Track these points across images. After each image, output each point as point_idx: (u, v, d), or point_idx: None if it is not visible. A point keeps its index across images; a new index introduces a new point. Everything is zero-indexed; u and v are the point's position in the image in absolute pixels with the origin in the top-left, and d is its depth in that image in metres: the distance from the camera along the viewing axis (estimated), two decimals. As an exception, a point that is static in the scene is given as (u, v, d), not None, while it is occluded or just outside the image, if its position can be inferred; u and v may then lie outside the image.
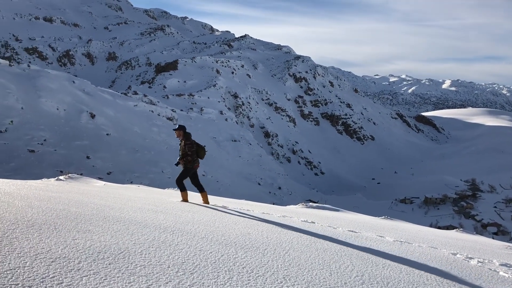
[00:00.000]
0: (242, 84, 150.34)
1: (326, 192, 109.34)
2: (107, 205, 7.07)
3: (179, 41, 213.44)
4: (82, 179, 13.00)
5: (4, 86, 62.54)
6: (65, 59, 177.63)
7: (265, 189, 74.73)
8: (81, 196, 7.96)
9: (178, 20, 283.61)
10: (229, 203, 10.86)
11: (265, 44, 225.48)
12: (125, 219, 5.83)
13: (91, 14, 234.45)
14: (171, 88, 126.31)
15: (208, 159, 73.68)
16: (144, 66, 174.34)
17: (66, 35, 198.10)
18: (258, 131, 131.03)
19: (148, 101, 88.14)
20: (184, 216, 6.92)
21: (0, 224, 4.49)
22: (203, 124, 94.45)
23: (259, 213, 9.10)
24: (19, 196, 6.70)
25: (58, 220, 5.08)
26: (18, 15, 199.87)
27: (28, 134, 56.49)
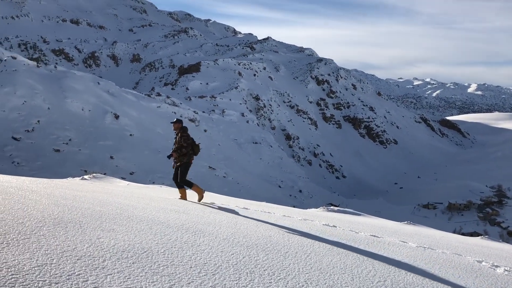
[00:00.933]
0: (264, 86, 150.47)
1: (347, 196, 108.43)
2: (131, 204, 7.17)
3: (202, 43, 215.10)
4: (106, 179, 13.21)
5: (32, 87, 64.14)
6: (90, 61, 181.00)
7: (285, 191, 74.57)
8: (105, 196, 8.10)
9: (202, 22, 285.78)
10: (250, 205, 10.87)
11: (288, 47, 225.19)
12: (148, 219, 5.90)
13: (117, 17, 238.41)
14: (194, 90, 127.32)
15: (229, 161, 73.98)
16: (168, 68, 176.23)
17: (92, 37, 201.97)
18: (279, 134, 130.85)
19: (171, 103, 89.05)
20: (205, 217, 6.96)
21: (28, 221, 4.60)
22: (224, 126, 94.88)
23: (280, 215, 9.09)
24: (45, 194, 6.86)
25: (83, 219, 5.18)
26: (46, 17, 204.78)
27: (54, 133, 57.75)
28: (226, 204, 9.97)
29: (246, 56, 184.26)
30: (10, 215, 4.72)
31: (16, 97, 60.76)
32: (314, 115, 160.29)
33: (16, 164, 49.79)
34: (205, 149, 74.81)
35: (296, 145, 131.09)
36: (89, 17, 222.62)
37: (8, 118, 57.10)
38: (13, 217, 4.68)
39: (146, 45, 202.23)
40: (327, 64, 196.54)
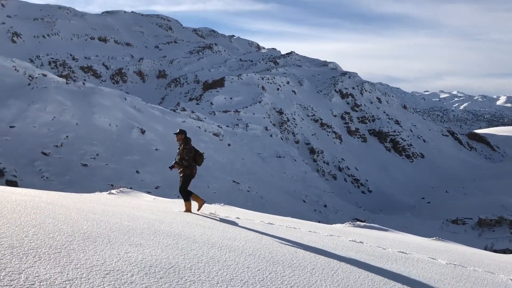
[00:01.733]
0: (287, 100, 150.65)
1: (373, 211, 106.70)
2: (157, 219, 7.24)
3: (226, 59, 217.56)
4: (132, 193, 13.39)
5: (61, 103, 65.89)
6: (117, 77, 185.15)
7: (310, 206, 73.93)
8: (133, 210, 8.20)
9: (226, 38, 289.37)
10: (275, 220, 10.82)
11: (311, 61, 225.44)
12: (174, 234, 5.95)
13: (143, 34, 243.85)
14: (218, 104, 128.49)
15: (253, 175, 73.99)
16: (192, 84, 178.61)
17: (119, 54, 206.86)
18: (303, 148, 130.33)
19: (195, 117, 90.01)
20: (231, 232, 6.97)
21: (59, 236, 4.69)
22: (248, 140, 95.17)
23: (306, 231, 9.01)
24: (75, 209, 7.00)
25: (111, 233, 5.26)
26: (75, 36, 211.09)
27: (81, 148, 59.00)
28: (251, 219, 9.95)
29: (270, 71, 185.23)
30: (41, 230, 4.83)
31: (46, 113, 62.47)
32: (339, 129, 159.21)
33: (45, 179, 50.99)
34: (229, 163, 75.05)
35: (320, 159, 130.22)
36: (116, 35, 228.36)
37: (38, 133, 58.68)
38: (45, 231, 4.78)
39: (171, 61, 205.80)
40: (351, 78, 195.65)
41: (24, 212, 5.81)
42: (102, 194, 12.89)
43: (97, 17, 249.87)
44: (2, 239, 4.11)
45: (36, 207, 6.46)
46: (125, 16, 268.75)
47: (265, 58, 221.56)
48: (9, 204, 6.24)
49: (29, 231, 4.64)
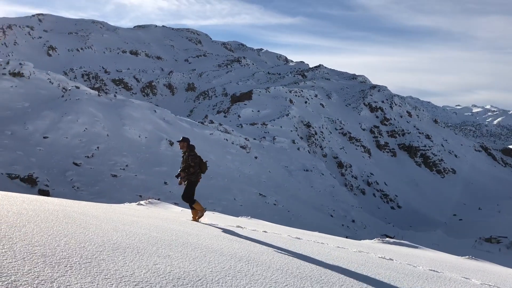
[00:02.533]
0: (315, 113, 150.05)
1: (403, 227, 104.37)
2: (185, 231, 7.27)
3: (254, 72, 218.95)
4: (161, 205, 13.52)
5: (93, 115, 67.49)
6: (148, 90, 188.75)
7: (337, 221, 72.89)
8: (161, 222, 8.27)
9: (254, 52, 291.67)
10: (303, 235, 10.71)
11: (340, 74, 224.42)
12: (202, 246, 5.95)
13: (173, 48, 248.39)
14: (245, 117, 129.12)
15: (280, 188, 73.65)
16: (221, 96, 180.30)
17: (149, 67, 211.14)
18: (331, 161, 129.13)
19: (223, 130, 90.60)
20: (258, 246, 6.92)
21: (89, 246, 4.77)
22: (275, 153, 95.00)
23: (334, 246, 8.88)
24: (105, 219, 7.11)
25: (140, 244, 5.30)
26: (108, 49, 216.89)
27: (112, 159, 60.11)
28: (278, 233, 9.88)
29: (298, 84, 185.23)
30: (73, 239, 4.92)
31: (78, 124, 64.08)
32: (368, 143, 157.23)
33: (76, 189, 52.11)
34: (256, 176, 74.97)
35: (348, 173, 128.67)
36: (147, 49, 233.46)
37: (70, 144, 60.19)
38: (76, 241, 4.87)
39: (200, 75, 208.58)
40: (381, 91, 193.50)
41: (57, 221, 5.94)
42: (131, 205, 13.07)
43: (129, 31, 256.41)
44: (36, 248, 4.20)
45: (68, 216, 6.59)
46: (156, 30, 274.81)
47: (293, 71, 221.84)
48: (42, 213, 6.39)
49: (61, 241, 4.72)
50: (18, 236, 4.53)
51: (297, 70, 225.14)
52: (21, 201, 7.56)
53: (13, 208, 6.41)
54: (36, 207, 7.04)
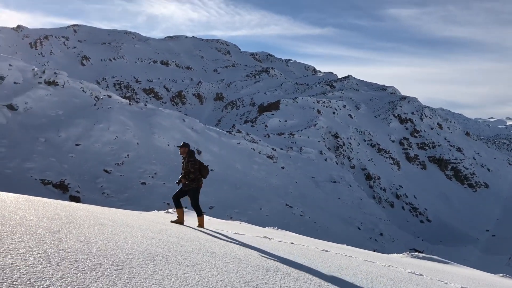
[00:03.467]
0: (343, 124, 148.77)
1: (432, 242, 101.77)
2: (213, 240, 7.30)
3: (282, 82, 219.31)
4: (188, 213, 13.62)
5: (124, 123, 68.88)
6: (177, 99, 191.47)
7: (365, 234, 71.71)
8: (189, 230, 8.33)
9: (282, 62, 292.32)
10: (330, 247, 10.59)
11: (369, 85, 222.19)
12: (230, 256, 5.96)
13: (203, 58, 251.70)
14: (272, 127, 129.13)
15: (306, 199, 73.14)
16: (248, 106, 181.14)
17: (179, 77, 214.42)
18: (359, 173, 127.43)
19: (250, 139, 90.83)
20: (286, 257, 6.88)
21: (120, 253, 4.84)
22: (302, 163, 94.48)
23: (362, 260, 8.74)
24: (135, 226, 7.21)
25: (169, 253, 5.36)
26: (139, 59, 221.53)
27: (141, 167, 61.07)
28: (305, 245, 9.80)
29: (326, 94, 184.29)
30: (104, 246, 5.01)
31: (109, 132, 65.48)
32: (397, 155, 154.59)
33: (106, 195, 53.10)
34: (282, 186, 74.70)
35: (377, 185, 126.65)
36: (177, 59, 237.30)
37: (101, 152, 61.52)
38: (107, 248, 4.95)
39: (229, 85, 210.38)
40: (411, 103, 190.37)
41: (88, 228, 6.06)
42: (159, 213, 13.22)
43: (160, 42, 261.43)
44: (69, 254, 4.30)
45: (99, 223, 6.72)
46: (186, 41, 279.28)
47: (321, 82, 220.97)
48: (75, 220, 6.54)
49: (93, 247, 4.82)
50: (52, 242, 4.65)
51: (325, 81, 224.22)
52: (54, 207, 7.76)
53: (48, 214, 6.59)
54: (69, 213, 7.22)
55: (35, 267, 3.65)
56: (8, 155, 54.48)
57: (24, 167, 51.91)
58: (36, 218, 5.93)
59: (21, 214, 6.07)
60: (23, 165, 51.45)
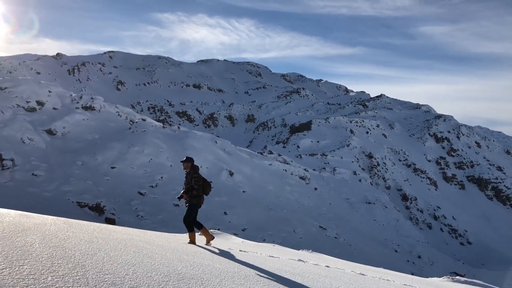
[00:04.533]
0: (377, 144, 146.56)
1: (474, 265, 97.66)
2: (247, 263, 7.23)
3: (313, 102, 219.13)
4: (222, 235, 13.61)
5: (158, 146, 70.17)
6: (209, 121, 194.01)
7: (402, 256, 69.59)
8: (223, 253, 8.30)
9: (313, 82, 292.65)
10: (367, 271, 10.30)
11: (403, 104, 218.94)
12: (264, 279, 5.88)
13: (234, 80, 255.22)
14: (304, 148, 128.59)
15: (340, 221, 71.89)
16: (280, 127, 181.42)
17: (211, 99, 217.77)
18: (394, 194, 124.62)
19: (282, 160, 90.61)
20: (321, 281, 6.74)
21: (156, 275, 4.86)
22: (335, 184, 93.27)
23: (400, 284, 8.45)
24: (170, 249, 7.24)
25: (204, 275, 5.33)
26: (172, 83, 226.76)
27: (174, 189, 61.77)
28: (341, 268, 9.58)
29: (358, 114, 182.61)
30: (140, 268, 5.04)
31: (144, 155, 66.79)
32: (434, 175, 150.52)
33: (140, 217, 53.84)
34: (315, 207, 73.79)
35: (413, 206, 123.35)
36: (209, 82, 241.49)
37: (136, 174, 62.70)
38: (143, 270, 4.98)
39: (260, 106, 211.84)
40: (447, 121, 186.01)
41: (125, 250, 6.13)
42: (193, 235, 13.22)
43: (192, 66, 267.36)
44: (106, 276, 4.34)
45: (135, 245, 6.78)
46: (218, 64, 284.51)
47: (354, 101, 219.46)
48: (111, 242, 6.63)
49: (129, 270, 4.85)
50: (90, 264, 4.71)
51: (357, 100, 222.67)
52: (91, 230, 7.91)
53: (85, 236, 6.71)
54: (105, 236, 7.33)
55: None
56: (47, 179, 56.27)
57: (62, 190, 53.40)
58: (75, 241, 6.04)
59: (60, 236, 6.20)
60: (61, 188, 52.97)
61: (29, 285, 3.54)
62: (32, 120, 70.36)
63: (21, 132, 65.48)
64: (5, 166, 56.89)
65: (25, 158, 60.03)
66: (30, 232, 5.97)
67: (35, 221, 7.42)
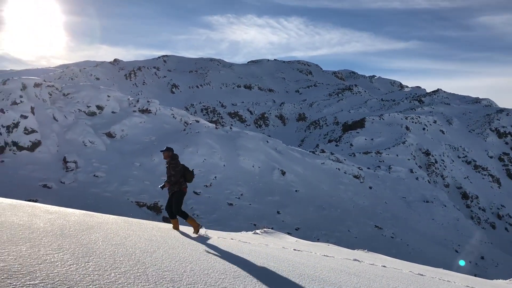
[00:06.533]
0: (434, 140, 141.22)
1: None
2: (301, 262, 7.22)
3: (366, 99, 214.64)
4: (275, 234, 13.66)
5: (211, 146, 71.47)
6: (260, 121, 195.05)
7: (464, 257, 66.63)
8: (277, 252, 8.33)
9: (366, 79, 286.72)
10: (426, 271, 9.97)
11: (461, 98, 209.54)
12: (319, 279, 5.85)
13: (284, 80, 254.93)
14: (358, 146, 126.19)
15: (397, 220, 69.95)
16: (332, 125, 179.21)
17: (262, 99, 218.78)
18: (454, 192, 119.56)
19: (334, 159, 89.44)
20: (378, 281, 6.60)
21: (212, 273, 4.97)
22: (391, 182, 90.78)
23: (462, 285, 8.11)
24: (225, 247, 7.37)
25: (258, 274, 5.38)
26: (224, 84, 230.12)
27: (228, 188, 62.68)
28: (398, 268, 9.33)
29: (414, 110, 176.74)
30: (197, 266, 5.17)
31: (198, 155, 68.24)
32: (496, 172, 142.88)
33: (195, 216, 55.07)
34: (370, 207, 72.21)
35: (475, 205, 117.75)
36: (260, 82, 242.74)
37: (191, 174, 64.21)
38: (200, 268, 5.11)
39: (311, 104, 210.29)
40: (510, 115, 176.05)
41: (182, 248, 6.31)
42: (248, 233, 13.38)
43: (243, 67, 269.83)
44: (165, 273, 4.49)
45: (192, 244, 6.96)
46: (268, 64, 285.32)
47: (409, 97, 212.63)
48: (169, 240, 6.85)
49: (187, 267, 4.99)
50: (150, 261, 4.89)
51: (413, 96, 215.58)
52: (150, 228, 8.20)
53: (145, 235, 6.97)
54: (164, 234, 7.57)
55: (135, 285, 3.86)
56: (107, 180, 58.85)
57: (122, 190, 55.62)
58: (135, 239, 6.29)
59: (121, 234, 6.48)
60: (121, 189, 55.23)
61: (94, 280, 3.73)
62: (92, 123, 73.87)
63: (82, 135, 68.93)
64: (69, 168, 60.11)
65: (87, 160, 63.13)
66: (93, 231, 6.28)
67: (98, 220, 7.80)
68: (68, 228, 6.06)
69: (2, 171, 55.85)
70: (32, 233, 5.13)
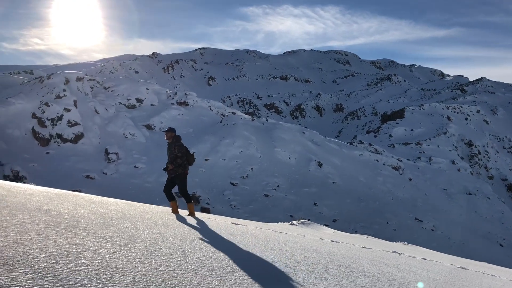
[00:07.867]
0: (477, 131, 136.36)
1: None
2: (339, 253, 7.18)
3: (406, 89, 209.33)
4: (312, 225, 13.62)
5: (247, 138, 71.79)
6: (297, 112, 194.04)
7: (509, 251, 64.27)
8: (315, 243, 8.31)
9: (406, 68, 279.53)
10: (468, 265, 9.69)
11: (506, 86, 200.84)
12: (357, 270, 5.81)
13: (321, 70, 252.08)
14: (397, 136, 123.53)
15: (437, 213, 68.24)
16: (370, 116, 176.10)
17: (298, 90, 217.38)
18: (498, 184, 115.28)
19: (373, 150, 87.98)
20: (418, 274, 6.48)
21: (249, 262, 5.02)
22: (431, 174, 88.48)
23: (508, 280, 7.84)
24: (262, 237, 7.43)
25: (296, 264, 5.40)
26: (260, 76, 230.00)
27: (264, 180, 62.89)
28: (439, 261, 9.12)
29: (456, 99, 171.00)
30: (235, 255, 5.25)
31: (235, 147, 68.73)
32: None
33: (232, 207, 55.66)
34: (410, 199, 70.73)
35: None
36: (296, 73, 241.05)
37: (228, 165, 64.80)
38: (237, 256, 5.17)
39: (348, 95, 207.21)
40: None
41: (220, 237, 6.41)
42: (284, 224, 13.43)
43: (279, 58, 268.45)
44: (204, 261, 4.58)
45: (230, 233, 7.05)
46: (304, 54, 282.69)
47: (450, 86, 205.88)
48: (208, 229, 6.97)
49: (225, 256, 5.07)
50: (189, 250, 5.00)
51: (454, 85, 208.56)
52: (189, 218, 8.36)
53: (184, 224, 7.12)
54: (203, 224, 7.71)
55: (175, 272, 3.95)
56: (147, 171, 60.27)
57: (161, 181, 56.72)
58: (174, 228, 6.44)
59: (161, 223, 6.64)
60: (160, 180, 56.39)
61: (136, 267, 3.86)
62: (132, 116, 75.69)
63: (123, 127, 70.77)
64: (110, 160, 61.93)
65: (127, 152, 64.86)
66: (135, 220, 6.47)
67: (139, 210, 8.02)
68: (110, 217, 6.27)
69: (48, 162, 58.24)
70: (76, 221, 5.34)
